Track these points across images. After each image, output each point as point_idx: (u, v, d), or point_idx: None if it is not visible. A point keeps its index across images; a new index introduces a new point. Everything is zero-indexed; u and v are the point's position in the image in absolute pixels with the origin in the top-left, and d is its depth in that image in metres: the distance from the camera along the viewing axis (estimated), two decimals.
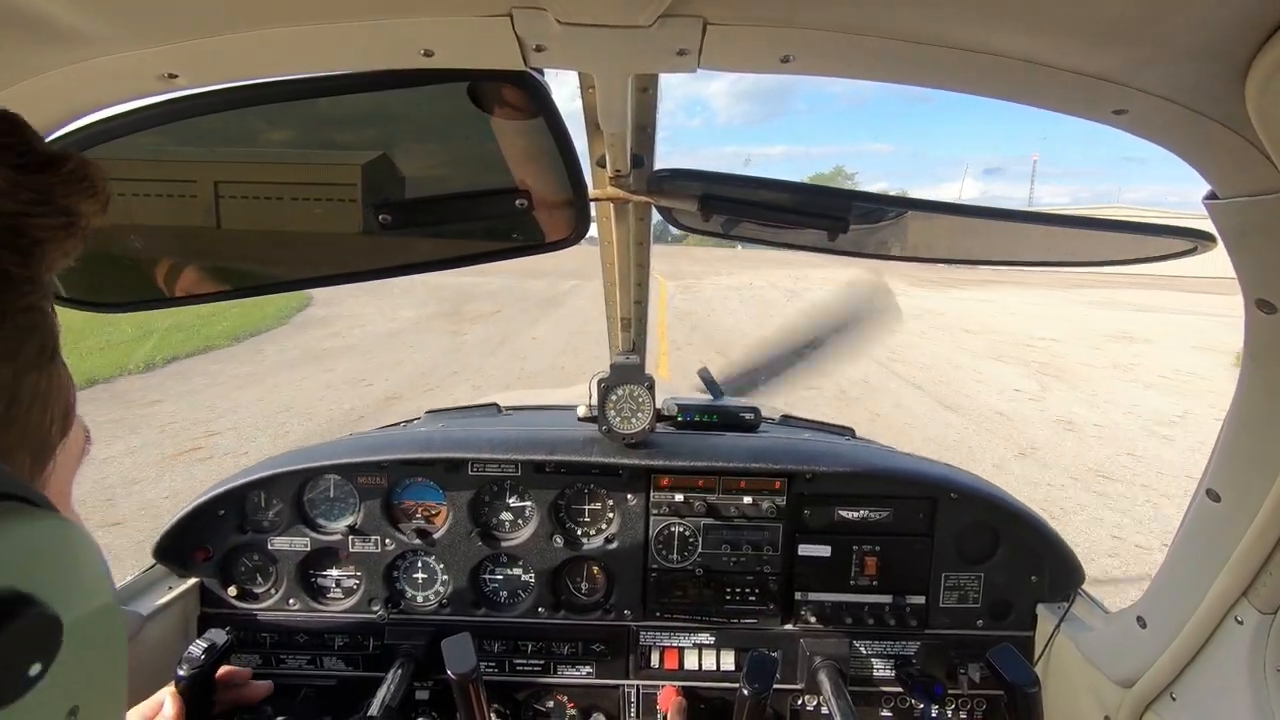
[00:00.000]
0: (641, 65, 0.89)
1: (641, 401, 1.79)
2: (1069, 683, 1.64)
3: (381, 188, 1.21)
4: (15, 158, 0.40)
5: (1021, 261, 1.67)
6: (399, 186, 1.23)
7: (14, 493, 0.32)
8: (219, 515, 1.80)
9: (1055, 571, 1.80)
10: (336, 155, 1.25)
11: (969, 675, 1.78)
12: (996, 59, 0.79)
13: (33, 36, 0.77)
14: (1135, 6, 0.66)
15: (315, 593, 1.85)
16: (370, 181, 1.24)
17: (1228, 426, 1.10)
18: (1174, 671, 1.30)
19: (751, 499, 1.81)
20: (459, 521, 1.83)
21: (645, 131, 1.23)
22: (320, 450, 1.90)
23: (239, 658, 1.80)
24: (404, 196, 1.22)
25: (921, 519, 1.82)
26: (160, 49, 0.83)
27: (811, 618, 1.82)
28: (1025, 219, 1.43)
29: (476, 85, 1.04)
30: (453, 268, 1.44)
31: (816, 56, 0.83)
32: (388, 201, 1.20)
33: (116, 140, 1.04)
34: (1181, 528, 1.25)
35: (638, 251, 1.67)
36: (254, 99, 1.03)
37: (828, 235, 1.39)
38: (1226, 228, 0.95)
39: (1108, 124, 0.88)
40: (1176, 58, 0.73)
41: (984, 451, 8.10)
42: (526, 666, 1.84)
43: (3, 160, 0.39)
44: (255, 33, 0.81)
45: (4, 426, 0.36)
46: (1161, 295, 30.31)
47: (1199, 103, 0.79)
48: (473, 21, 0.78)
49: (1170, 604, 1.29)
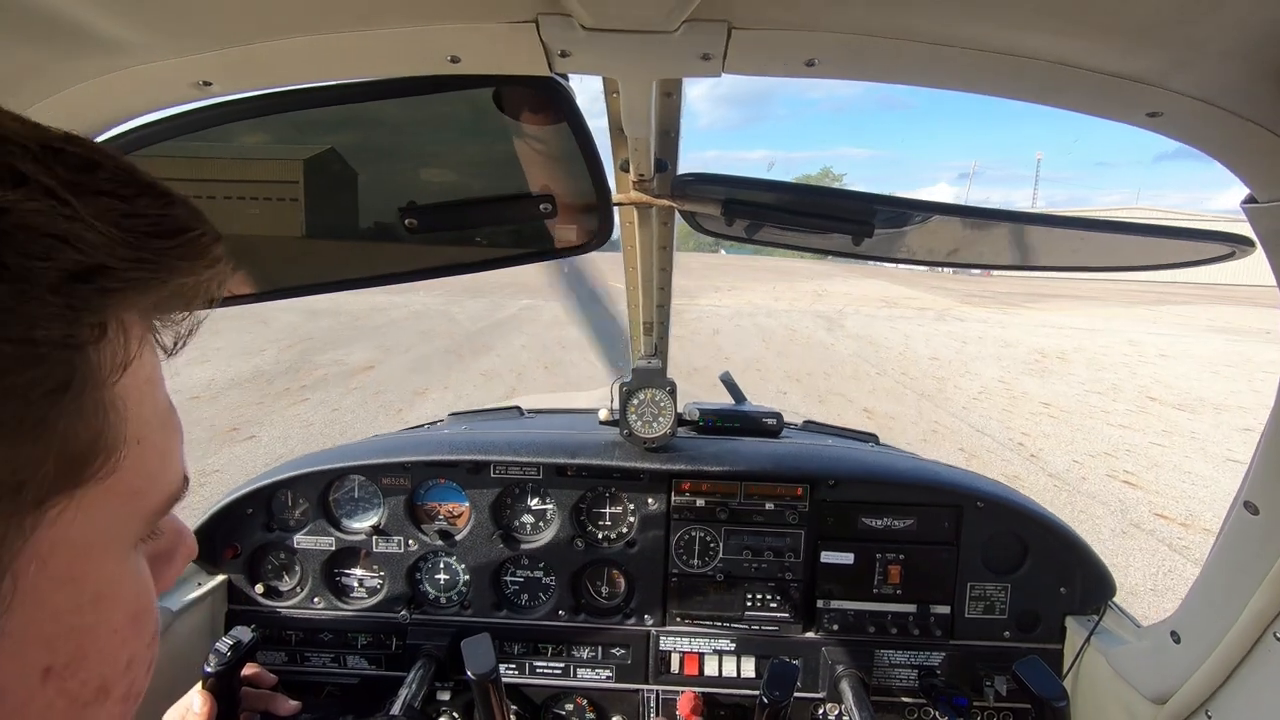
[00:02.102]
0: (666, 70, 0.89)
1: (663, 406, 1.79)
2: (1099, 698, 1.60)
3: (407, 192, 1.23)
4: (141, 222, 0.42)
5: (1055, 267, 1.64)
6: (424, 191, 1.24)
7: None
8: (247, 514, 1.84)
9: (1085, 583, 1.76)
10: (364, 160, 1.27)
11: (995, 688, 1.75)
12: (1028, 61, 0.78)
13: (73, 46, 0.80)
14: (1171, 8, 0.65)
15: (339, 592, 1.88)
16: (397, 186, 1.26)
17: (1267, 437, 1.07)
18: (1209, 689, 1.26)
19: (773, 505, 1.80)
20: (481, 523, 1.84)
21: (669, 136, 1.23)
22: (345, 451, 1.92)
23: (265, 654, 1.83)
24: (430, 201, 1.23)
25: (947, 527, 1.79)
26: (195, 57, 0.85)
27: (834, 626, 1.80)
28: (1058, 224, 1.40)
29: (502, 91, 1.05)
30: (478, 271, 1.46)
31: (842, 60, 0.82)
32: (414, 206, 1.22)
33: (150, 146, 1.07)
34: (1218, 541, 1.21)
35: (660, 256, 1.67)
36: (284, 105, 1.05)
37: (852, 239, 1.38)
38: (1265, 232, 0.92)
39: (1141, 127, 0.86)
40: (1213, 59, 0.71)
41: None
42: (546, 669, 1.84)
43: (119, 219, 0.41)
44: (287, 41, 0.83)
45: None
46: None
47: (1236, 105, 0.77)
48: (498, 28, 0.79)
49: (1206, 619, 1.25)
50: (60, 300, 0.38)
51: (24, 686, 0.40)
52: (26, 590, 0.39)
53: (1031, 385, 12.38)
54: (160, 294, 0.44)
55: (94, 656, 0.44)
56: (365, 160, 1.28)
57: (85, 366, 0.40)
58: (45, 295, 0.37)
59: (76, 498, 0.41)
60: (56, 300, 0.37)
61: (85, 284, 0.39)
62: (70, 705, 0.43)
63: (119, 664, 0.46)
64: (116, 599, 0.45)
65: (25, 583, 0.39)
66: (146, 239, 0.42)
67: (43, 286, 0.37)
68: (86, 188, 0.40)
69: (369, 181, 1.30)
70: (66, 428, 0.39)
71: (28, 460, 0.37)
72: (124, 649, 0.46)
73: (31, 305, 0.37)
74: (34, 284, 0.37)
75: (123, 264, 0.40)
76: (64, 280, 0.38)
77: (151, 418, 0.47)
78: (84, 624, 0.43)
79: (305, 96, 1.03)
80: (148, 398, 0.46)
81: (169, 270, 0.44)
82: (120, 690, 0.47)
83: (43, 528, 0.39)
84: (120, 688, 0.46)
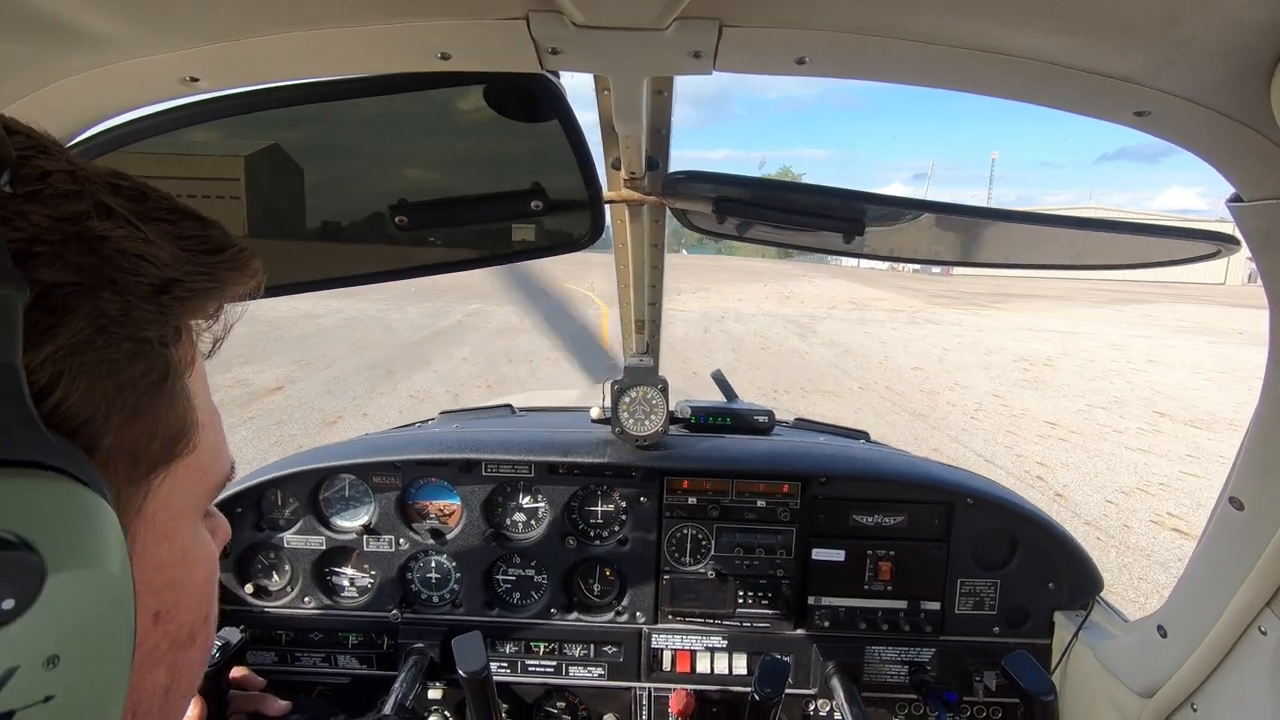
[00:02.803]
0: (657, 68, 0.89)
1: (655, 403, 1.79)
2: (1087, 692, 1.62)
3: (397, 189, 1.22)
4: (192, 243, 0.50)
5: (1041, 265, 1.65)
6: (414, 188, 1.23)
7: (55, 464, 0.38)
8: (236, 513, 1.82)
9: (1073, 579, 1.78)
10: (353, 157, 1.26)
11: (984, 683, 1.76)
12: (1016, 60, 0.78)
13: (59, 41, 0.79)
14: (1158, 7, 0.65)
15: (330, 591, 1.87)
16: (386, 183, 1.25)
17: (1251, 433, 1.08)
18: (1195, 682, 1.28)
19: (765, 502, 1.80)
20: (472, 522, 1.84)
21: (660, 134, 1.23)
22: (335, 450, 1.91)
23: (254, 654, 1.81)
24: (421, 198, 1.23)
25: (937, 524, 1.80)
26: (182, 53, 0.84)
27: (825, 622, 1.81)
28: (1044, 222, 1.41)
29: (492, 88, 1.05)
30: (468, 269, 1.45)
31: (832, 58, 0.82)
32: (404, 203, 1.21)
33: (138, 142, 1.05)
34: (1204, 536, 1.23)
35: (652, 253, 1.67)
36: (272, 101, 1.04)
37: (843, 237, 1.39)
38: (1251, 231, 0.93)
39: (1129, 125, 0.87)
40: (1200, 59, 0.71)
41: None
42: (538, 667, 1.84)
43: (176, 240, 0.49)
44: (275, 36, 0.82)
45: (102, 431, 0.44)
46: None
47: (1223, 104, 0.78)
48: (489, 25, 0.78)
49: (1192, 613, 1.26)
50: (153, 308, 0.46)
51: (143, 626, 0.47)
52: (141, 547, 0.48)
53: (1029, 400, 11.53)
54: (216, 302, 0.53)
55: (186, 606, 0.53)
56: (355, 158, 1.27)
57: (173, 362, 0.49)
58: (143, 304, 0.46)
59: (171, 470, 0.50)
60: (150, 308, 0.46)
61: (167, 294, 0.47)
62: (171, 646, 0.52)
63: (201, 615, 0.56)
64: (198, 559, 0.55)
65: (140, 541, 0.48)
66: (203, 255, 0.50)
67: (140, 297, 0.45)
68: (146, 215, 0.48)
69: (359, 179, 1.29)
70: (165, 412, 0.48)
71: (141, 437, 0.46)
72: (205, 603, 0.56)
73: (137, 312, 0.45)
74: (136, 295, 0.45)
75: (189, 277, 0.49)
76: (153, 292, 0.46)
77: (208, 407, 0.55)
78: (178, 577, 0.52)
79: (294, 93, 1.02)
80: (203, 391, 0.55)
81: (223, 281, 0.52)
82: (201, 638, 0.56)
83: (150, 495, 0.48)
84: (201, 636, 0.56)
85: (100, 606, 0.39)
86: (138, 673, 0.48)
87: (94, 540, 0.39)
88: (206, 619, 0.57)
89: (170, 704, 0.53)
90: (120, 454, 0.45)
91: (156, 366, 0.47)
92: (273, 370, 11.49)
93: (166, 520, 0.51)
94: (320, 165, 1.27)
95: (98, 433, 0.43)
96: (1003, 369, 14.32)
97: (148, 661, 0.50)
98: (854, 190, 1.32)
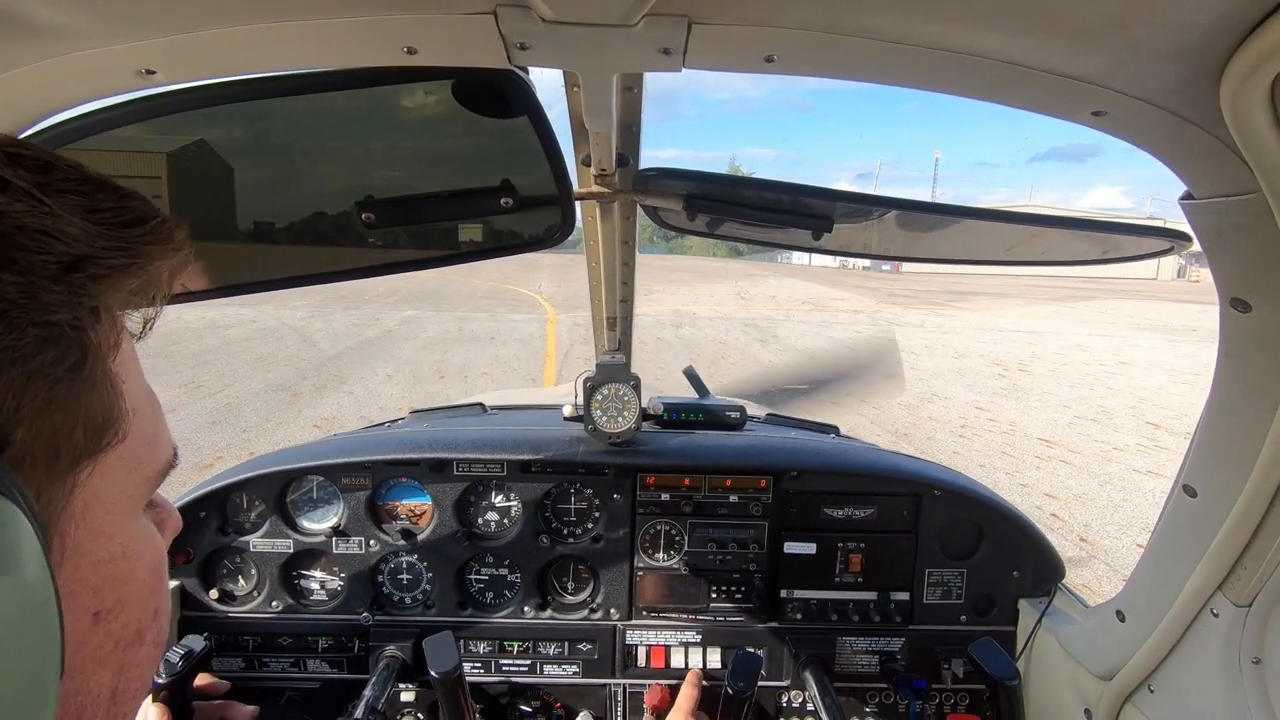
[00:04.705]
0: (626, 64, 0.89)
1: (627, 400, 1.79)
2: (1050, 676, 1.66)
3: (364, 186, 1.20)
4: (106, 215, 0.47)
5: (1002, 261, 1.69)
6: (381, 185, 1.22)
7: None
8: (200, 517, 1.78)
9: (1037, 567, 1.83)
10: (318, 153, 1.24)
11: (953, 670, 1.80)
12: (977, 60, 0.80)
13: (7, 30, 0.76)
14: (1112, 9, 0.67)
15: (298, 595, 1.84)
16: (352, 180, 1.23)
17: (1204, 423, 1.12)
18: (1152, 664, 1.32)
19: (737, 497, 1.82)
20: (444, 522, 1.82)
21: (630, 130, 1.23)
22: (303, 451, 1.88)
23: (221, 660, 1.78)
24: (388, 195, 1.21)
25: (905, 516, 1.83)
26: (138, 44, 0.82)
27: (797, 615, 1.83)
28: (1005, 219, 1.44)
29: (460, 83, 1.04)
30: (437, 266, 1.44)
31: (800, 57, 0.83)
32: (371, 200, 1.19)
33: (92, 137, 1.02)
34: (1159, 523, 1.27)
35: (623, 250, 1.67)
36: (233, 96, 1.02)
37: (812, 234, 1.40)
38: (1202, 228, 0.96)
39: (1087, 125, 0.89)
40: (1153, 60, 0.74)
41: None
42: (513, 666, 1.83)
43: (87, 213, 0.45)
44: (235, 28, 0.80)
45: (13, 424, 0.41)
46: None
47: (1175, 105, 0.80)
48: (457, 19, 0.77)
49: (1148, 598, 1.31)
50: (63, 289, 0.43)
51: (80, 628, 0.46)
52: (72, 545, 0.46)
53: (1014, 412, 10.96)
54: (138, 279, 0.49)
55: (130, 603, 0.51)
56: (319, 153, 1.25)
57: (91, 346, 0.45)
58: (51, 285, 0.42)
59: (99, 462, 0.47)
60: (60, 289, 0.43)
61: (78, 273, 0.44)
62: (116, 645, 0.50)
63: (149, 611, 0.53)
64: (140, 553, 0.52)
65: (70, 538, 0.46)
66: (118, 229, 0.47)
67: (47, 277, 0.42)
68: (51, 187, 0.44)
69: (324, 175, 1.27)
70: (86, 400, 0.45)
71: (60, 429, 0.43)
72: (151, 598, 0.54)
73: (44, 294, 0.42)
74: (40, 275, 0.42)
75: (104, 253, 0.45)
76: (62, 271, 0.43)
77: (140, 392, 0.53)
78: (119, 573, 0.50)
79: (255, 87, 1.00)
80: (133, 375, 0.52)
81: (144, 256, 0.49)
82: (151, 635, 0.54)
83: (77, 489, 0.46)
84: (151, 633, 0.54)
85: (9, 617, 0.37)
86: (80, 676, 0.47)
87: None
88: (156, 615, 0.55)
89: (117, 706, 0.51)
90: (37, 448, 0.42)
91: (70, 352, 0.43)
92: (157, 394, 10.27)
93: (100, 515, 0.48)
94: (283, 162, 1.24)
95: (7, 426, 0.40)
96: (978, 375, 13.84)
97: (90, 664, 0.48)
98: (823, 188, 1.34)
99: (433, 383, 11.67)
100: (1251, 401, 1.01)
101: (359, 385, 11.20)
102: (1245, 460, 1.04)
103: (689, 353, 14.87)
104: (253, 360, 12.66)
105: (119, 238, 0.47)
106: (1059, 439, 9.57)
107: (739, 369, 13.52)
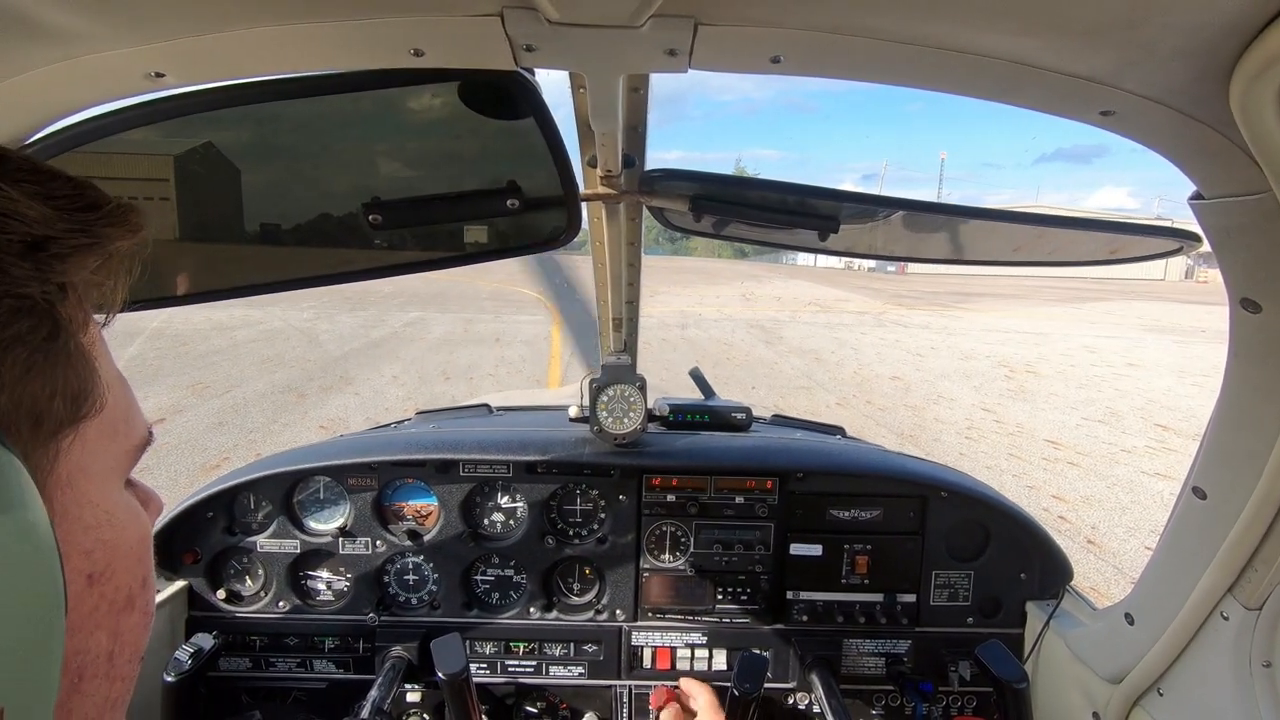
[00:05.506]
0: (632, 66, 0.89)
1: (633, 401, 1.79)
2: (1058, 679, 1.65)
3: (370, 188, 1.20)
4: (63, 201, 0.48)
5: (1009, 261, 1.68)
6: (388, 187, 1.22)
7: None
8: (208, 517, 1.79)
9: (1044, 569, 1.82)
10: (325, 155, 1.24)
11: (959, 672, 1.79)
12: (985, 60, 0.79)
13: (18, 34, 0.76)
14: (1122, 9, 0.67)
15: (305, 595, 1.84)
16: (359, 182, 1.23)
17: (1213, 425, 1.11)
18: (1161, 667, 1.32)
19: (743, 498, 1.81)
20: (450, 523, 1.82)
21: (636, 131, 1.23)
22: (310, 451, 1.89)
23: (228, 660, 1.78)
24: (394, 197, 1.21)
25: (912, 517, 1.83)
26: (147, 47, 0.82)
27: (803, 617, 1.83)
28: (1012, 219, 1.43)
29: (467, 85, 1.04)
30: (443, 268, 1.44)
31: (806, 57, 0.83)
32: (378, 202, 1.20)
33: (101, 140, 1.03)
34: (1168, 525, 1.26)
35: (629, 251, 1.67)
36: (241, 98, 1.02)
37: (818, 235, 1.40)
38: (1212, 228, 0.96)
39: (1096, 125, 0.88)
40: (1162, 60, 0.73)
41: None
42: (518, 667, 1.83)
43: (44, 200, 0.47)
44: (243, 31, 0.80)
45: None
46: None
47: (1185, 104, 0.80)
48: (463, 21, 0.78)
49: (1157, 601, 1.30)
50: (29, 265, 0.44)
51: (76, 588, 0.47)
52: (60, 510, 0.47)
53: (1021, 413, 10.72)
54: (99, 258, 0.51)
55: (120, 569, 0.52)
56: (326, 155, 1.25)
57: (62, 320, 0.47)
58: (18, 261, 0.44)
59: (80, 431, 0.48)
60: (26, 265, 0.44)
61: (42, 251, 0.45)
62: (110, 609, 0.51)
63: (138, 579, 0.55)
64: (126, 521, 0.54)
65: (59, 504, 0.47)
66: (77, 212, 0.48)
67: (13, 254, 0.43)
68: (7, 176, 0.46)
69: (331, 178, 1.27)
70: (63, 370, 0.47)
71: (40, 395, 0.45)
72: (139, 566, 0.55)
73: (12, 269, 0.43)
74: (7, 252, 0.43)
75: (63, 234, 0.47)
76: (27, 249, 0.44)
77: (111, 369, 0.54)
78: (108, 539, 0.51)
79: (263, 89, 1.00)
80: (104, 355, 0.53)
81: (104, 237, 0.50)
82: (140, 603, 0.55)
83: (61, 456, 0.47)
84: (140, 600, 0.55)
85: (18, 549, 0.38)
86: (80, 635, 0.49)
87: (2, 486, 0.38)
88: (144, 583, 0.56)
89: (115, 668, 0.53)
90: (20, 413, 0.44)
91: (44, 323, 0.45)
92: (160, 396, 9.87)
93: (84, 483, 0.50)
94: (291, 164, 1.25)
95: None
96: (984, 377, 13.58)
97: (88, 624, 0.50)
98: (829, 188, 1.33)
99: (438, 383, 11.62)
100: (1262, 403, 1.01)
101: (365, 386, 11.10)
102: (1255, 462, 1.03)
103: (694, 354, 14.83)
104: (259, 361, 12.61)
105: (77, 220, 0.48)
106: (1066, 441, 9.44)
107: (743, 370, 13.48)
